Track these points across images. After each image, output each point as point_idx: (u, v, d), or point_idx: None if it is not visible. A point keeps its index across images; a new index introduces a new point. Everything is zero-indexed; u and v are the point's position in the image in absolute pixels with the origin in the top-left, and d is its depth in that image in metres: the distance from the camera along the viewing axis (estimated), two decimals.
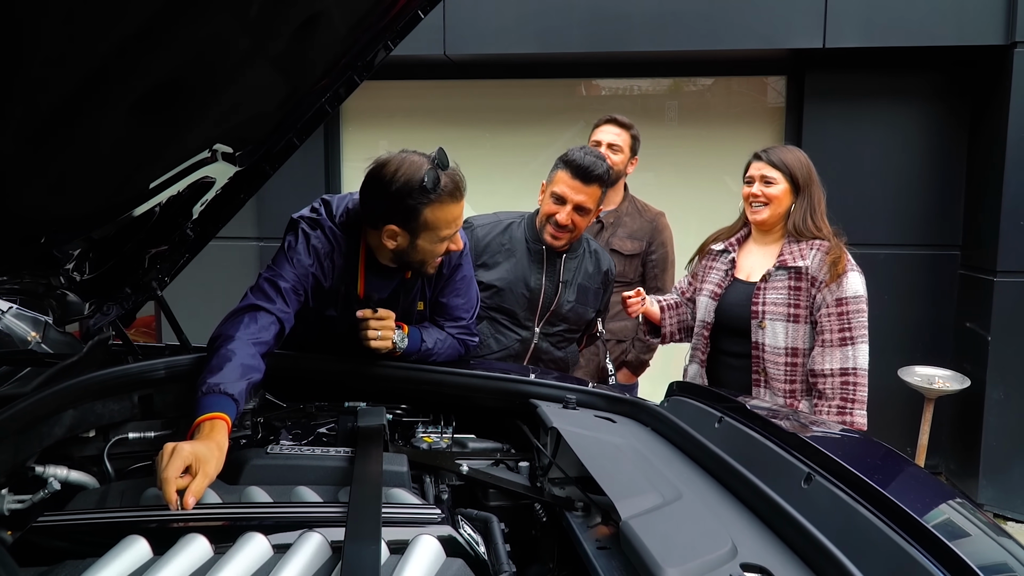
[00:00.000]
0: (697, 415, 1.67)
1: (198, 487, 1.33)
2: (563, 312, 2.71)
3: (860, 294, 2.56)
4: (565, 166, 2.56)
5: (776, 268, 2.61)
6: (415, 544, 1.21)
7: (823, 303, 2.55)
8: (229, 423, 1.53)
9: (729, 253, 2.79)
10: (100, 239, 1.70)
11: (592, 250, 2.81)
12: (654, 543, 1.09)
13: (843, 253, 2.57)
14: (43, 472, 1.50)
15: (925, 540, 1.03)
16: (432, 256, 2.00)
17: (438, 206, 1.90)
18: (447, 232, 1.95)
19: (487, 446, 1.91)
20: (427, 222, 1.91)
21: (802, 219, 2.62)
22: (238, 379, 1.61)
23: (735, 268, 2.76)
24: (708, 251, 2.90)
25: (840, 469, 1.23)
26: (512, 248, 2.70)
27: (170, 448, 1.35)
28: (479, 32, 4.90)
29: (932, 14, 4.51)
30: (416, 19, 1.88)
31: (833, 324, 2.53)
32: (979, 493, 4.61)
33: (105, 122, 1.18)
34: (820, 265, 2.55)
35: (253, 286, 1.91)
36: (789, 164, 2.62)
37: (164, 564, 1.12)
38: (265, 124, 1.80)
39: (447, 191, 1.89)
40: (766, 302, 2.61)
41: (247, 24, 1.21)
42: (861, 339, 2.52)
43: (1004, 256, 4.45)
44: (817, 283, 2.56)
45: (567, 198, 2.55)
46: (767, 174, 2.64)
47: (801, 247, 2.61)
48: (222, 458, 1.43)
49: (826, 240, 2.60)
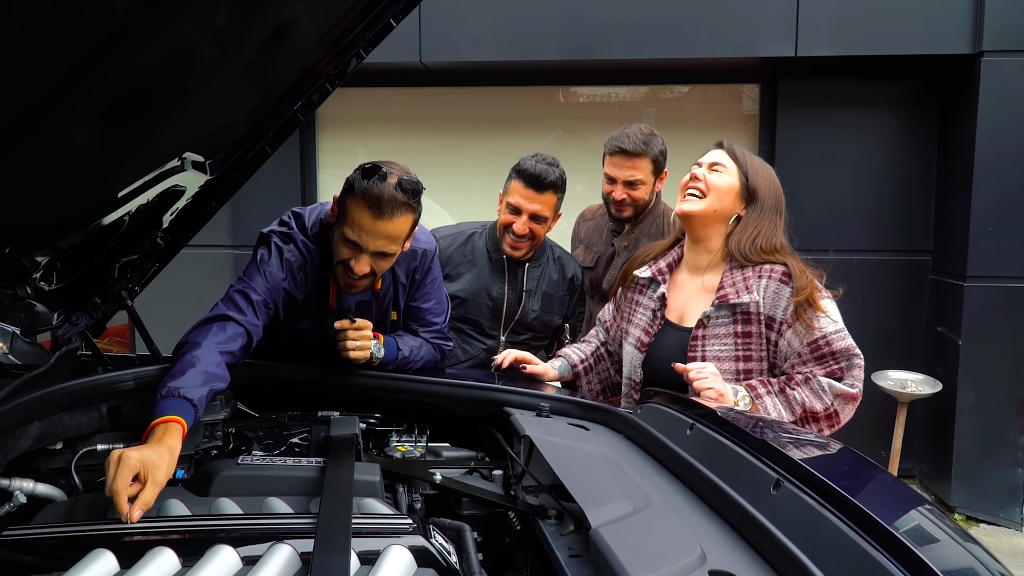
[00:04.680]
0: (670, 422, 1.67)
1: (147, 497, 1.30)
2: (528, 321, 2.73)
3: (838, 326, 1.97)
4: (518, 176, 2.58)
5: (716, 307, 2.02)
6: (386, 554, 1.20)
7: (791, 352, 1.98)
8: (185, 427, 1.50)
9: (658, 285, 2.17)
10: (68, 248, 1.68)
11: (556, 257, 2.81)
12: (623, 551, 1.09)
13: (810, 278, 1.98)
14: (9, 485, 1.47)
15: (892, 546, 1.03)
16: (336, 257, 1.96)
17: (358, 200, 1.87)
18: (351, 234, 1.89)
19: (461, 455, 1.91)
20: (345, 209, 1.90)
21: (750, 240, 2.03)
22: (199, 385, 1.59)
23: (666, 306, 2.16)
24: (632, 279, 2.27)
25: (808, 475, 1.24)
26: (474, 259, 2.72)
27: (116, 456, 1.32)
28: (455, 40, 4.91)
29: (901, 23, 4.60)
30: (388, 27, 1.88)
31: (814, 370, 1.98)
32: (951, 496, 4.68)
33: (69, 131, 1.17)
34: (776, 300, 1.97)
35: (224, 297, 1.91)
36: (753, 165, 2.09)
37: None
38: (235, 133, 1.79)
39: (369, 194, 1.85)
40: (706, 356, 2.02)
41: (215, 33, 1.21)
42: (854, 379, 1.99)
43: (973, 261, 4.53)
44: (776, 324, 1.98)
45: (522, 208, 2.57)
46: (719, 160, 2.08)
47: (746, 276, 2.01)
48: (173, 463, 1.40)
49: (777, 263, 2.01)
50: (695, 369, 1.96)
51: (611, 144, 2.80)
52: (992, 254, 4.50)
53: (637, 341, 2.18)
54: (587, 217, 3.18)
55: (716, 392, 1.91)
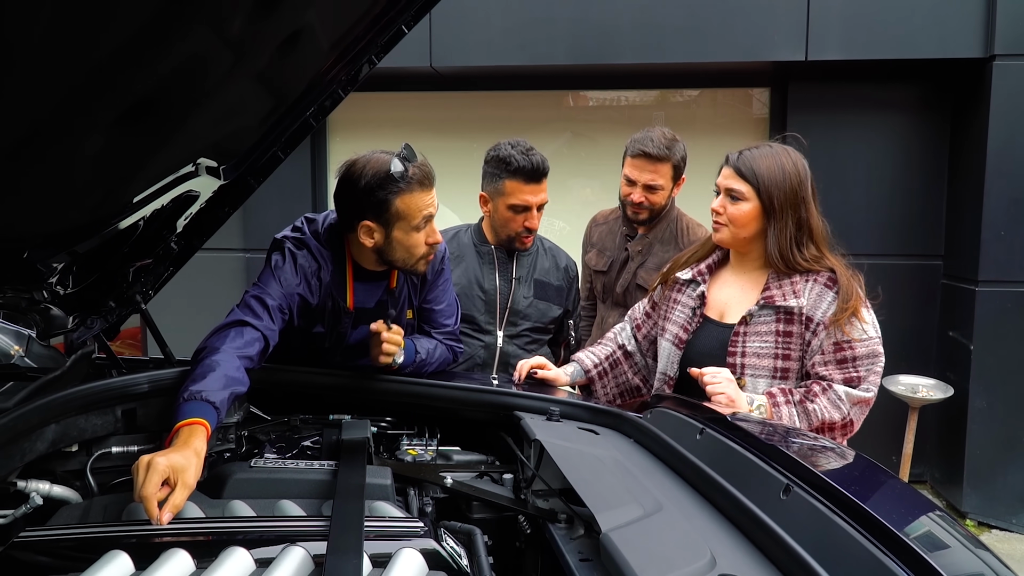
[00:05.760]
0: (679, 426, 1.68)
1: (178, 500, 1.31)
2: (522, 309, 2.70)
3: (871, 336, 1.98)
4: (514, 175, 2.54)
5: (760, 307, 2.05)
6: (397, 557, 1.21)
7: (817, 349, 2.00)
8: (209, 429, 1.51)
9: (698, 285, 2.21)
10: (84, 253, 1.70)
11: (547, 248, 2.82)
12: (633, 555, 1.10)
13: (856, 289, 2.00)
14: (25, 487, 1.50)
15: (902, 552, 1.04)
16: (413, 250, 2.01)
17: (407, 195, 1.94)
18: (420, 220, 1.97)
19: (472, 458, 1.92)
20: (399, 212, 1.95)
21: (788, 247, 2.03)
22: (220, 389, 1.61)
23: (705, 305, 2.19)
24: (673, 280, 2.30)
25: (818, 480, 1.24)
26: (461, 253, 2.73)
27: (145, 462, 1.32)
28: (465, 45, 4.93)
29: (912, 27, 4.58)
30: (400, 34, 1.89)
31: (833, 373, 1.98)
32: (963, 501, 4.65)
33: (85, 138, 1.18)
34: (818, 302, 2.00)
35: (239, 303, 1.92)
36: (762, 175, 2.04)
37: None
38: (249, 138, 1.81)
39: (416, 179, 1.94)
40: (746, 352, 2.05)
41: (229, 41, 1.22)
42: (870, 384, 1.99)
43: (985, 266, 4.51)
44: (813, 325, 2.00)
45: (530, 204, 2.57)
46: (733, 187, 2.08)
47: (793, 280, 2.04)
48: (200, 465, 1.41)
49: (825, 270, 2.04)
50: (710, 373, 1.98)
51: (634, 146, 2.81)
52: (1004, 258, 4.49)
53: (675, 337, 2.21)
54: (599, 221, 3.18)
55: (728, 398, 1.92)
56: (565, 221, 5.49)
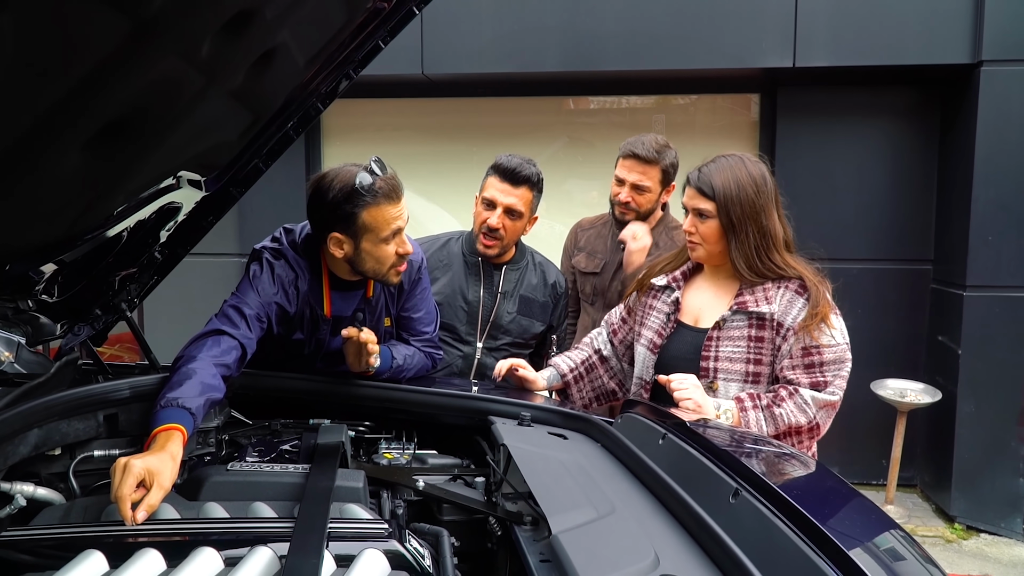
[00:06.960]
0: (644, 432, 1.73)
1: (152, 501, 1.36)
2: (504, 324, 2.71)
3: (839, 342, 2.03)
4: (494, 171, 2.61)
5: (733, 312, 2.10)
6: (360, 557, 1.26)
7: (786, 354, 2.05)
8: (185, 434, 1.56)
9: (673, 291, 2.26)
10: (69, 262, 1.75)
11: (537, 262, 2.82)
12: (578, 556, 1.14)
13: (825, 296, 2.04)
14: (10, 488, 1.54)
15: (839, 559, 1.06)
16: (383, 261, 2.06)
17: (375, 208, 1.98)
18: (387, 233, 2.01)
19: (446, 462, 1.97)
20: (366, 224, 1.99)
21: (753, 256, 2.08)
22: (197, 395, 1.66)
23: (680, 310, 2.24)
24: (648, 286, 2.36)
25: (766, 486, 1.28)
26: (449, 262, 2.74)
27: (122, 464, 1.38)
28: (456, 52, 4.99)
29: (900, 33, 4.62)
30: (377, 49, 1.94)
31: (800, 377, 2.03)
32: (952, 505, 4.69)
33: (58, 159, 1.22)
34: (788, 308, 2.05)
35: (218, 312, 1.98)
36: (720, 190, 2.07)
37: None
38: (229, 151, 1.86)
39: (383, 192, 1.98)
40: (719, 356, 2.10)
41: (199, 64, 1.27)
42: (836, 388, 2.03)
43: (973, 271, 4.55)
44: (783, 330, 2.05)
45: (496, 202, 2.59)
46: (698, 206, 2.11)
47: (766, 287, 2.09)
48: (175, 468, 1.46)
49: (795, 277, 2.08)
50: (676, 380, 2.03)
51: (626, 147, 2.92)
52: (992, 263, 4.52)
53: (649, 343, 2.26)
54: (585, 226, 3.24)
55: (695, 403, 1.97)
56: (563, 224, 5.54)
